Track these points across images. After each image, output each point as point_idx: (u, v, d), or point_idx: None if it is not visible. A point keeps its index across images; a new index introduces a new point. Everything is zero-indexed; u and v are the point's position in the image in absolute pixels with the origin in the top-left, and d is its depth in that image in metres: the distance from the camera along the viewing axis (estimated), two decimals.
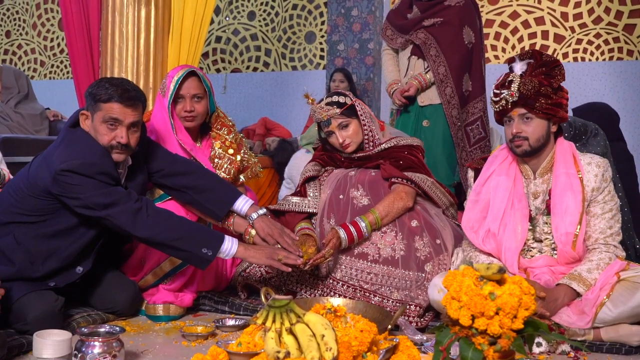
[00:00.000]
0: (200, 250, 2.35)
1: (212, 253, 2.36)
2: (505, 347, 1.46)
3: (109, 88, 2.31)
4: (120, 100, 2.30)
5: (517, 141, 2.41)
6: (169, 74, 2.88)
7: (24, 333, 2.17)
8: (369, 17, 6.34)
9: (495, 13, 6.37)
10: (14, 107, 4.07)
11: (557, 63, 2.40)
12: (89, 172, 2.26)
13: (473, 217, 2.54)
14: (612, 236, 2.40)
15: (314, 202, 2.89)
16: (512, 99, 2.38)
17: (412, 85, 3.79)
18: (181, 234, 2.36)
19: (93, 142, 2.34)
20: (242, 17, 7.53)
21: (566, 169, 2.43)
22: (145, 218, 2.32)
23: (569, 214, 2.39)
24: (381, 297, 2.64)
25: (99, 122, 2.32)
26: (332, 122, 2.87)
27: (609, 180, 2.42)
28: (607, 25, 6.01)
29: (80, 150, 2.31)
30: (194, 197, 2.61)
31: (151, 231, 2.33)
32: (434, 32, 3.78)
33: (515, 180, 2.50)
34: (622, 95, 5.93)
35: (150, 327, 2.49)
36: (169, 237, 2.35)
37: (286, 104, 7.15)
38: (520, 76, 2.39)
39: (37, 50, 8.40)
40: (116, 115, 2.31)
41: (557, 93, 2.38)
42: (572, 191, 2.40)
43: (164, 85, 2.85)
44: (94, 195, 2.27)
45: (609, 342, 2.25)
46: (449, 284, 1.55)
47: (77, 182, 2.26)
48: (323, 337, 1.72)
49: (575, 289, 2.31)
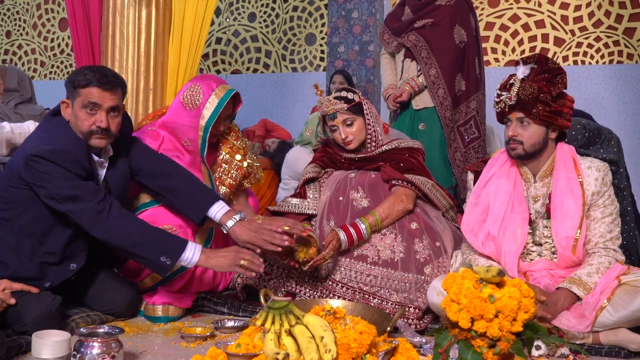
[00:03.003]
0: (159, 258, 2.30)
1: (171, 262, 2.31)
2: (505, 350, 1.46)
3: (87, 74, 2.32)
4: (99, 84, 2.30)
5: (512, 144, 2.43)
6: (202, 88, 2.73)
7: (22, 334, 2.17)
8: (370, 19, 6.35)
9: (495, 16, 6.37)
10: (14, 108, 4.06)
11: (560, 71, 2.39)
12: (58, 159, 2.24)
13: (473, 220, 2.54)
14: (612, 240, 2.40)
15: (314, 204, 2.89)
16: (510, 103, 2.39)
17: (405, 90, 3.79)
18: (140, 240, 2.31)
19: (68, 130, 2.34)
20: (242, 18, 7.53)
21: (566, 173, 2.43)
22: (106, 220, 2.28)
23: (569, 217, 2.39)
24: (380, 299, 2.64)
25: (79, 108, 2.31)
26: (337, 117, 2.87)
27: (609, 184, 2.42)
28: (607, 28, 6.01)
29: (53, 137, 2.30)
30: (172, 200, 2.57)
31: (110, 234, 2.30)
32: (425, 34, 3.78)
33: (516, 184, 2.50)
34: (622, 99, 5.93)
35: (149, 328, 2.48)
36: (128, 242, 2.31)
37: (286, 106, 7.15)
38: (521, 80, 2.39)
39: (37, 50, 8.40)
40: (95, 99, 2.30)
41: (557, 101, 2.37)
42: (573, 195, 2.40)
43: (193, 97, 2.72)
44: (59, 186, 2.24)
45: (607, 346, 2.25)
46: (449, 286, 1.55)
47: (45, 169, 2.23)
48: (322, 338, 1.72)
49: (576, 293, 2.30)
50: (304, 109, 6.65)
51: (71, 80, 2.34)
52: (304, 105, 6.77)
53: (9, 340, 2.07)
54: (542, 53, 2.90)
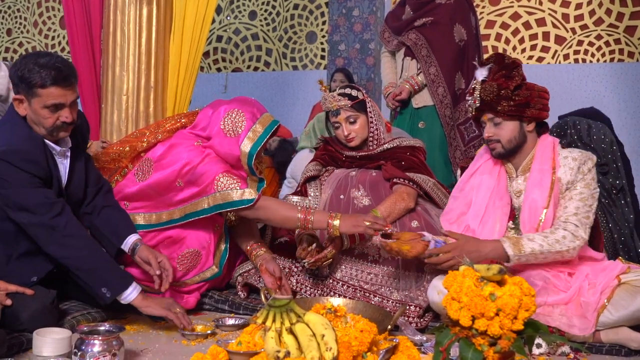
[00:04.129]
0: (100, 289, 2.27)
1: (110, 295, 2.26)
2: (505, 348, 1.46)
3: (41, 71, 2.19)
4: (57, 83, 2.20)
5: (491, 144, 2.48)
6: (246, 115, 2.60)
7: (20, 332, 2.16)
8: (370, 17, 6.35)
9: (496, 14, 6.37)
10: None
11: (516, 65, 2.43)
12: (13, 159, 2.18)
13: (453, 210, 2.58)
14: (576, 216, 2.36)
15: (315, 202, 2.90)
16: (476, 106, 2.45)
17: (404, 89, 3.80)
18: (87, 266, 2.27)
19: (23, 127, 2.27)
20: (243, 16, 7.53)
21: (541, 166, 2.44)
22: (60, 237, 2.24)
23: (533, 210, 2.41)
24: (381, 298, 2.64)
25: (40, 108, 2.23)
26: (340, 113, 2.87)
27: (586, 172, 2.39)
28: (608, 26, 6.01)
29: (6, 137, 2.24)
30: (93, 219, 2.51)
31: (60, 252, 2.26)
32: (425, 32, 3.79)
33: (499, 179, 2.54)
34: (623, 97, 5.93)
35: (150, 325, 2.48)
36: (75, 265, 2.28)
37: (287, 104, 7.15)
38: (481, 82, 2.44)
39: (38, 48, 8.40)
40: (58, 100, 2.22)
41: (519, 93, 2.39)
42: (540, 187, 2.41)
43: (236, 125, 2.59)
44: (14, 193, 2.19)
45: (608, 344, 2.25)
46: (450, 284, 1.55)
47: (2, 172, 2.19)
48: (323, 336, 1.72)
49: (505, 250, 2.31)
50: (305, 107, 6.65)
51: (23, 77, 2.20)
52: (305, 104, 6.78)
53: (10, 338, 2.06)
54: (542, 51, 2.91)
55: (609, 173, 3.04)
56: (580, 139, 3.12)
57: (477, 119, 2.52)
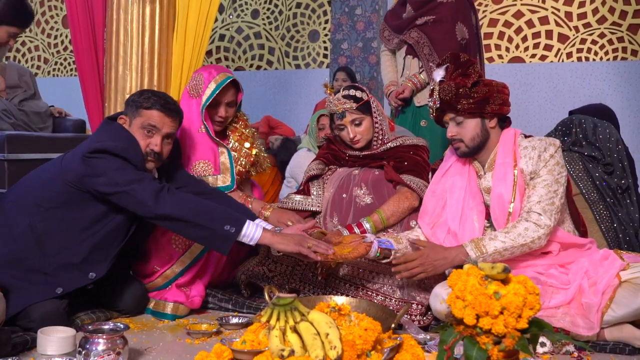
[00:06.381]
0: (222, 227, 2.30)
1: (235, 230, 2.30)
2: (510, 346, 1.46)
3: (152, 97, 2.44)
4: (162, 109, 2.42)
5: (455, 144, 2.48)
6: (204, 76, 2.87)
7: (28, 330, 2.18)
8: (373, 15, 6.34)
9: (499, 12, 6.37)
10: (18, 105, 4.06)
11: (471, 62, 2.44)
12: (119, 151, 2.32)
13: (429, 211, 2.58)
14: (540, 204, 2.34)
15: (318, 201, 2.90)
16: (435, 107, 2.46)
17: (407, 87, 3.80)
18: (202, 210, 2.33)
19: (129, 133, 2.42)
20: (245, 15, 7.53)
21: (503, 159, 2.44)
22: (167, 196, 2.33)
23: (500, 206, 2.41)
24: (384, 296, 2.64)
25: (137, 128, 2.41)
26: (346, 116, 2.86)
27: (548, 159, 2.37)
28: (612, 25, 6.00)
29: (115, 135, 2.39)
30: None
31: (172, 208, 2.31)
32: (427, 31, 3.78)
33: (469, 178, 2.54)
34: (626, 95, 5.92)
35: (154, 324, 2.49)
36: (190, 213, 2.31)
37: (289, 102, 7.15)
38: (439, 83, 2.45)
39: (41, 47, 8.41)
40: (155, 122, 2.40)
41: (478, 90, 2.39)
42: (504, 182, 2.41)
43: (197, 86, 2.86)
44: (120, 173, 2.30)
45: (612, 342, 2.25)
46: (454, 283, 1.55)
47: (105, 160, 2.30)
48: (327, 335, 1.72)
49: (468, 253, 2.32)
50: (307, 105, 6.65)
51: (134, 100, 2.45)
52: (307, 102, 6.77)
53: (15, 336, 2.07)
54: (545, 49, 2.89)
55: (614, 172, 3.03)
56: (586, 138, 3.12)
57: (440, 120, 2.52)
